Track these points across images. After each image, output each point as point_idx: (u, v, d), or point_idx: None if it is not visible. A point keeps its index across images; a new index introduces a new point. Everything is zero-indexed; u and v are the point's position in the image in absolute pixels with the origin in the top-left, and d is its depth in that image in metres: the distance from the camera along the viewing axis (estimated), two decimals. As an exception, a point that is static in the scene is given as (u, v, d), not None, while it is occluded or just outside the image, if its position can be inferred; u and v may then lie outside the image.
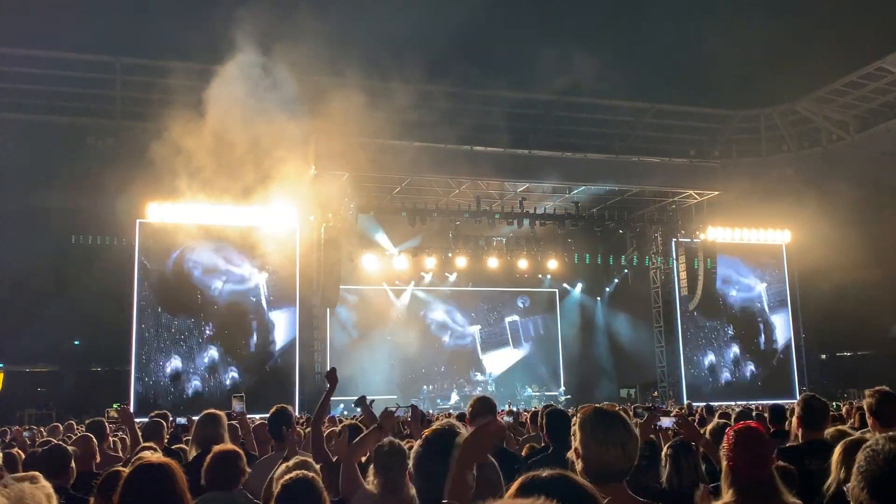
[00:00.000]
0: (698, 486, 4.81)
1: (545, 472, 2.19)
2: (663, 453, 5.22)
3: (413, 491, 2.80)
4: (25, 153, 25.81)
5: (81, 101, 27.84)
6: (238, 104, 22.73)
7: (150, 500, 3.30)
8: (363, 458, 4.94)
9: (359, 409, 7.21)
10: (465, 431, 2.91)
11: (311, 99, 23.65)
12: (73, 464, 5.34)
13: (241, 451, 4.62)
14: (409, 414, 6.84)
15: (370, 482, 4.24)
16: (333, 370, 6.17)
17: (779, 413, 7.61)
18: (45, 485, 3.49)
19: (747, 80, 31.54)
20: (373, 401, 6.83)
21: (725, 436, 3.37)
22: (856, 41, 28.15)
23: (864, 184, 29.24)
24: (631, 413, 8.75)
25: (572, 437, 3.03)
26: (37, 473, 4.50)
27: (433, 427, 2.90)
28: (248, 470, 4.67)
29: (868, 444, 2.24)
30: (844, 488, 2.74)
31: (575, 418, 3.08)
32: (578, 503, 2.09)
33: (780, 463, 4.97)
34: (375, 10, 24.89)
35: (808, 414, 5.45)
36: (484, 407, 5.47)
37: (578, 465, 2.92)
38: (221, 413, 6.32)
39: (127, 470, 3.79)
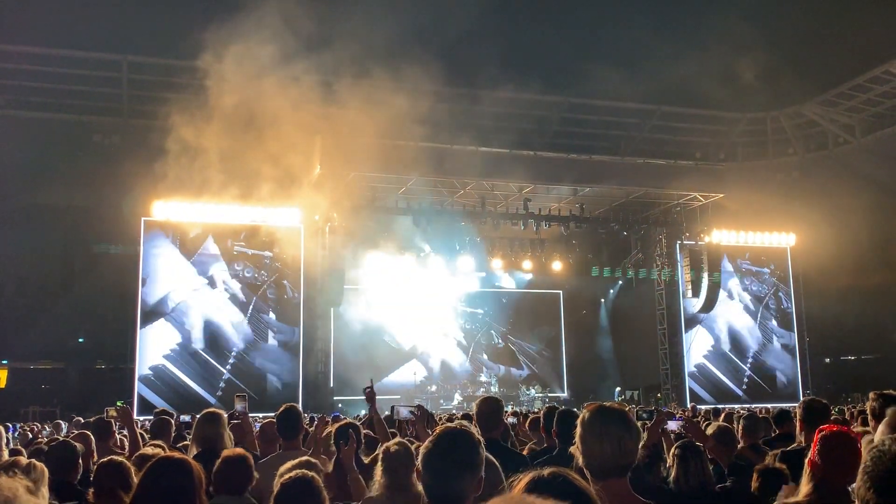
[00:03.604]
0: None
1: (546, 471, 2.29)
2: (671, 453, 5.23)
3: (420, 487, 2.82)
4: (32, 150, 25.91)
5: (88, 98, 27.92)
6: (244, 103, 22.78)
7: (168, 494, 3.31)
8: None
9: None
10: (476, 433, 2.94)
11: (316, 98, 23.69)
12: (80, 460, 5.37)
13: (249, 456, 4.62)
14: (416, 414, 6.83)
15: (377, 482, 4.25)
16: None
17: (784, 417, 7.61)
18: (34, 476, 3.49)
19: (753, 82, 31.49)
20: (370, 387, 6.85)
21: (815, 435, 3.48)
22: (862, 45, 28.11)
23: (870, 187, 29.20)
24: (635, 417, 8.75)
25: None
26: (20, 459, 4.52)
27: (444, 425, 2.93)
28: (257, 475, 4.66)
29: (874, 444, 2.27)
30: (850, 489, 2.74)
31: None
32: (574, 500, 2.15)
33: (777, 465, 5.00)
34: (381, 10, 24.91)
35: (810, 416, 5.48)
36: (491, 408, 5.46)
37: (580, 461, 2.97)
38: (222, 412, 6.32)
39: (142, 464, 3.79)
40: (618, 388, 31.82)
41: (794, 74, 30.16)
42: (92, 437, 6.54)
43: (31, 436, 12.69)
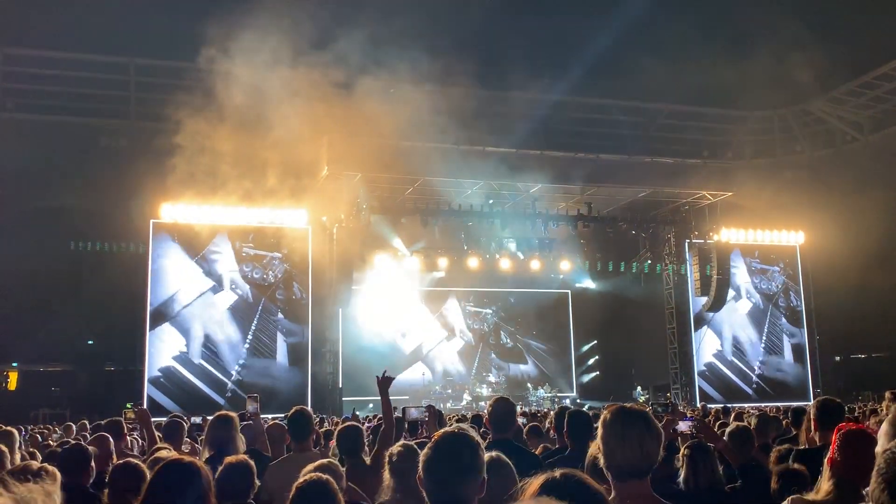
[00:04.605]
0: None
1: (558, 472, 2.32)
2: (681, 454, 5.23)
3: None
4: (39, 153, 25.97)
5: (95, 101, 28.00)
6: (251, 105, 22.82)
7: (176, 497, 3.32)
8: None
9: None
10: (476, 435, 2.94)
11: (323, 99, 23.70)
12: (92, 463, 5.38)
13: (251, 461, 4.62)
14: (426, 415, 6.83)
15: (385, 486, 4.25)
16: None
17: (800, 416, 7.57)
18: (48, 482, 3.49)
19: (761, 80, 31.37)
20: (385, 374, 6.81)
21: (834, 433, 3.52)
22: (870, 42, 27.98)
23: (878, 185, 29.05)
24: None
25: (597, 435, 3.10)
26: (32, 463, 4.54)
27: (443, 430, 2.90)
28: (258, 483, 4.67)
29: (888, 447, 2.25)
30: (865, 492, 2.74)
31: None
32: (586, 501, 2.19)
33: (796, 466, 4.98)
34: (387, 11, 24.89)
35: (824, 415, 5.43)
36: (505, 408, 5.45)
37: (601, 462, 2.99)
38: (234, 414, 6.33)
39: (154, 467, 3.80)
40: (638, 388, 31.77)
41: (801, 72, 30.05)
42: (110, 439, 6.56)
43: (40, 439, 12.73)
